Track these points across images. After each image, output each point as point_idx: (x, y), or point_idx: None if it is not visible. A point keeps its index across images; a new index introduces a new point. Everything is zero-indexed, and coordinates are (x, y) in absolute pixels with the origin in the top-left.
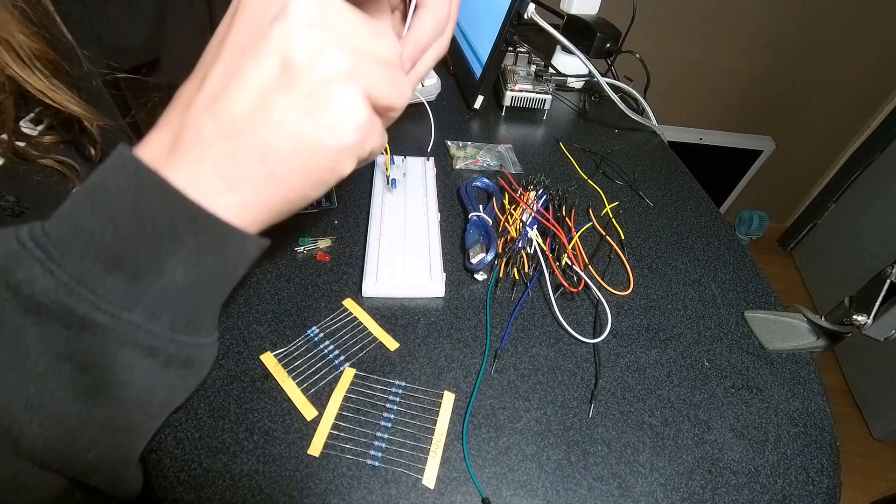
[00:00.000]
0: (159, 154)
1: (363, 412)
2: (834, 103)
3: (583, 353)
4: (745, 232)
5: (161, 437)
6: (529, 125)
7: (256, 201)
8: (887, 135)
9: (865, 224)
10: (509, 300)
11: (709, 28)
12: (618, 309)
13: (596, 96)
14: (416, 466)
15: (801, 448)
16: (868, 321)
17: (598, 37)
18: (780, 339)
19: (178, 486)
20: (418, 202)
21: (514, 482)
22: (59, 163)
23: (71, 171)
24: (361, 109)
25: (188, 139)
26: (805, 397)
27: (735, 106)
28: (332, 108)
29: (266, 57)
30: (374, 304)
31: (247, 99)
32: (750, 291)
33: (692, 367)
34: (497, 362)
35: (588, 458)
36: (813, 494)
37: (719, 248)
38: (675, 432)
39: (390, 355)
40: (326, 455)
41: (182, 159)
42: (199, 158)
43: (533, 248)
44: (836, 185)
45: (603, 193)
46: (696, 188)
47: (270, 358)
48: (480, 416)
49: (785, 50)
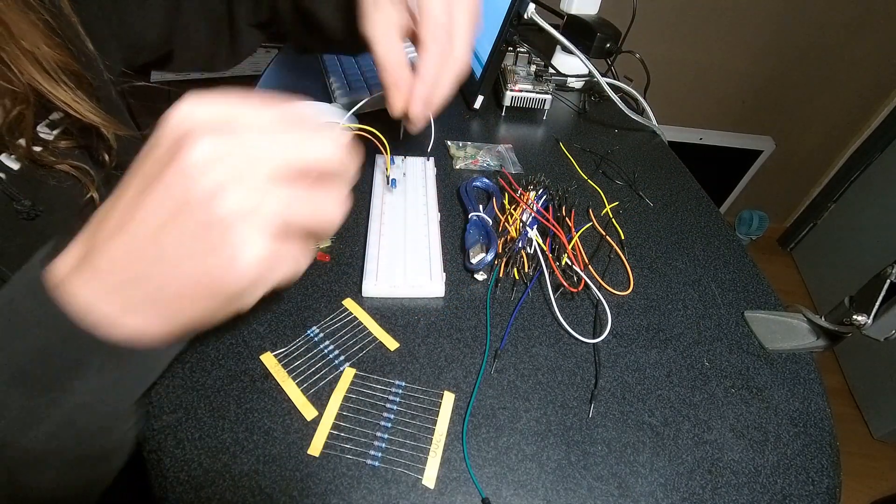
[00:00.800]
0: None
1: (363, 412)
2: (834, 103)
3: (583, 353)
4: (745, 232)
5: (161, 437)
6: (529, 125)
7: (160, 323)
8: (887, 135)
9: (865, 224)
10: (509, 300)
11: (709, 28)
12: (618, 309)
13: (596, 96)
14: (416, 466)
15: (801, 448)
16: (868, 321)
17: (598, 37)
18: (780, 339)
19: (178, 486)
20: (418, 202)
21: (514, 482)
22: (74, 168)
23: (85, 177)
24: (258, 245)
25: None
26: (805, 397)
27: (735, 106)
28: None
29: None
30: (374, 304)
31: (143, 235)
32: (750, 291)
33: (692, 367)
34: (497, 362)
35: (588, 458)
36: (813, 494)
37: (719, 248)
38: (675, 432)
39: (390, 355)
40: (326, 455)
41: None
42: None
43: (533, 248)
44: (836, 185)
45: (603, 193)
46: (696, 188)
47: (270, 358)
48: (480, 416)
49: (785, 50)
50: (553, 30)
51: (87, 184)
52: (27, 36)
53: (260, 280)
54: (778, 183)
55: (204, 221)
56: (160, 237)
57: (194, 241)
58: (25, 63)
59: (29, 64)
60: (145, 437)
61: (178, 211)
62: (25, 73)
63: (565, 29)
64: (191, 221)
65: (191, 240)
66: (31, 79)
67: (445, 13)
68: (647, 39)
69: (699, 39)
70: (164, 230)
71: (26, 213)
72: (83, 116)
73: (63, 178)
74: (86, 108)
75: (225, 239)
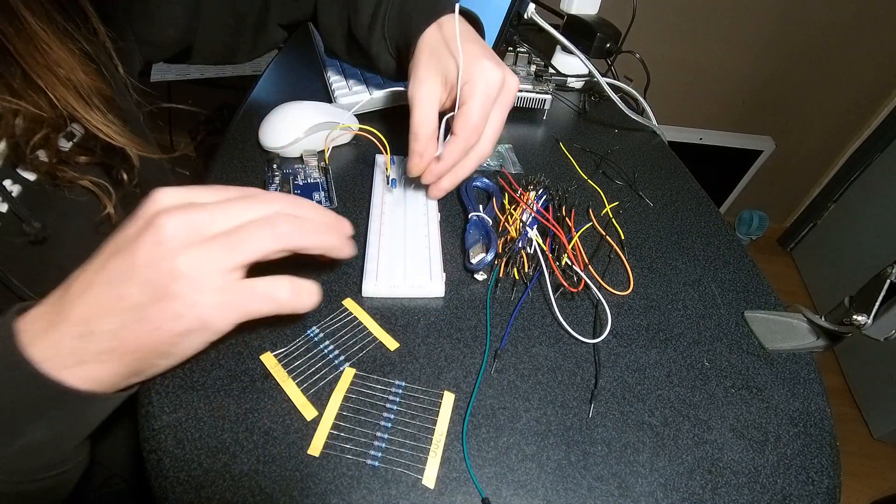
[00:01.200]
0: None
1: (363, 412)
2: (834, 103)
3: (583, 353)
4: (745, 232)
5: (161, 437)
6: (529, 125)
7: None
8: (887, 135)
9: (865, 224)
10: (509, 300)
11: (709, 28)
12: (618, 309)
13: (596, 96)
14: (416, 466)
15: (801, 448)
16: (868, 321)
17: (598, 37)
18: (781, 339)
19: (178, 486)
20: (419, 202)
21: (514, 482)
22: (93, 184)
23: (104, 193)
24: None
25: (60, 318)
26: (805, 397)
27: (735, 106)
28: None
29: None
30: (374, 304)
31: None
32: (750, 291)
33: (692, 367)
34: (497, 362)
35: (588, 458)
36: (813, 494)
37: (719, 248)
38: (675, 432)
39: (390, 355)
40: (326, 455)
41: (50, 334)
42: (63, 335)
43: (533, 248)
44: (836, 185)
45: (603, 193)
46: (696, 188)
47: (270, 358)
48: (480, 416)
49: (785, 50)
50: (553, 30)
51: (104, 200)
52: (64, 63)
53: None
54: (778, 183)
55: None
56: (123, 289)
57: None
58: (62, 89)
59: (66, 90)
60: (145, 437)
61: (143, 266)
62: (61, 99)
63: (565, 29)
64: (153, 274)
65: (151, 290)
66: (66, 104)
67: (481, 116)
68: (647, 39)
69: (699, 39)
70: (128, 283)
71: (35, 235)
72: (112, 139)
73: (79, 192)
74: (116, 131)
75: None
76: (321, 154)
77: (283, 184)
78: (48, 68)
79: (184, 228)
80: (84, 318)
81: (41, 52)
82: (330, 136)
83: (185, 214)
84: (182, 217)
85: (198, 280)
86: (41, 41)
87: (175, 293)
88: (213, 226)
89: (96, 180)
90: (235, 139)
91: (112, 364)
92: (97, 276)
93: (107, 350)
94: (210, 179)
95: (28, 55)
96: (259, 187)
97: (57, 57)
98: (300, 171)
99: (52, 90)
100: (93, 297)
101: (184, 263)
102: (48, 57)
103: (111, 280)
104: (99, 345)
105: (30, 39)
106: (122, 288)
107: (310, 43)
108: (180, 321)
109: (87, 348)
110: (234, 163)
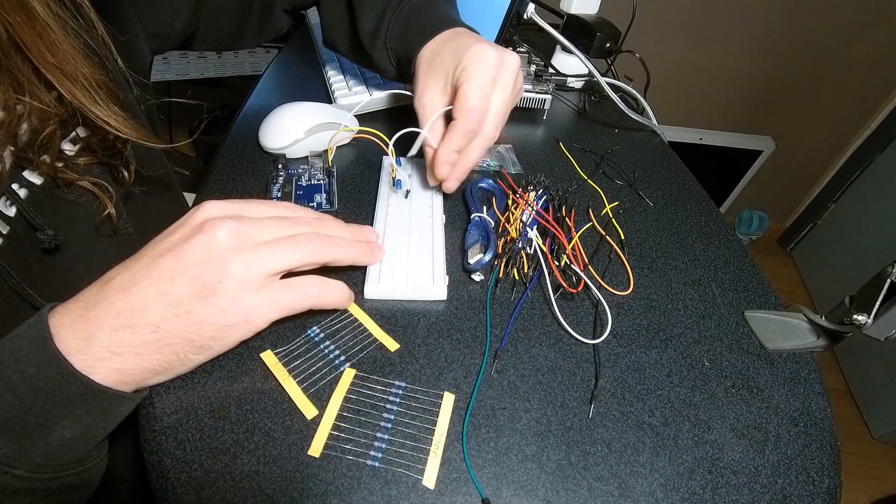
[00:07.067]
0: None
1: (363, 413)
2: (834, 103)
3: (583, 353)
4: (745, 232)
5: (162, 438)
6: (529, 125)
7: (140, 364)
8: (887, 135)
9: (865, 224)
10: (509, 300)
11: (709, 28)
12: (618, 309)
13: (596, 96)
14: (416, 467)
15: (801, 448)
16: (868, 321)
17: (598, 37)
18: (781, 339)
19: (179, 486)
20: (423, 203)
21: (514, 482)
22: (93, 184)
23: (104, 193)
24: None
25: (96, 312)
26: (805, 397)
27: (735, 106)
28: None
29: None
30: (375, 305)
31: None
32: (750, 291)
33: (692, 367)
34: (497, 363)
35: (588, 458)
36: (813, 494)
37: (719, 248)
38: (676, 432)
39: (390, 356)
40: (327, 456)
41: (86, 326)
42: (99, 328)
43: (533, 248)
44: (836, 185)
45: (603, 193)
46: (696, 188)
47: (271, 356)
48: (480, 416)
49: (785, 50)
50: (553, 30)
51: (104, 200)
52: (71, 57)
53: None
54: (778, 183)
55: (217, 271)
56: (172, 285)
57: (203, 288)
58: (69, 84)
59: (73, 84)
60: (146, 438)
61: (194, 265)
62: (68, 93)
63: (565, 29)
64: (204, 272)
65: (200, 286)
66: (72, 98)
67: (479, 98)
68: (647, 39)
69: (699, 39)
70: (177, 280)
71: (48, 242)
72: (119, 131)
73: (80, 193)
74: (123, 123)
75: (228, 285)
76: (325, 155)
77: (286, 184)
78: (56, 63)
79: (234, 235)
80: (126, 311)
81: (48, 46)
82: (333, 138)
83: (234, 223)
84: (232, 225)
85: (244, 280)
86: (49, 34)
87: (223, 290)
88: (258, 236)
89: (96, 180)
90: (236, 139)
91: (147, 357)
92: (142, 273)
93: (146, 342)
94: (211, 180)
95: (36, 49)
96: (261, 187)
97: (64, 51)
98: (305, 171)
99: (60, 85)
100: (137, 291)
101: (234, 265)
102: (55, 51)
103: (160, 277)
104: (139, 336)
105: (38, 32)
106: (171, 284)
107: (310, 43)
108: (225, 316)
109: (126, 339)
110: (235, 163)
